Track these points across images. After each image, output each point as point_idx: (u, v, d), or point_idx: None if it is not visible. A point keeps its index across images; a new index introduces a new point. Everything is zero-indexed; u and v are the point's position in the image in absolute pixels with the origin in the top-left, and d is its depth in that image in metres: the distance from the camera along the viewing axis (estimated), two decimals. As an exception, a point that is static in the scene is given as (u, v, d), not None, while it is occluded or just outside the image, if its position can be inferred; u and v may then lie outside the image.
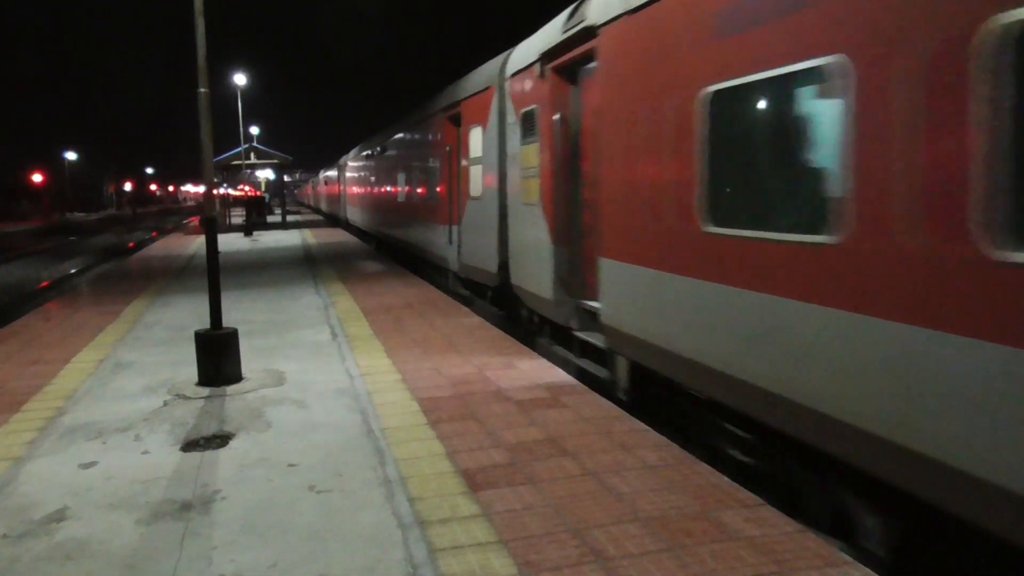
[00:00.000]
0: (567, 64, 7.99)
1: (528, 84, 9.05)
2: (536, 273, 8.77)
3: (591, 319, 7.55)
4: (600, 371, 7.28)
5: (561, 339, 8.51)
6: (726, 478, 4.73)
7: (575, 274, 8.10)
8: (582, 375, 7.50)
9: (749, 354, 4.71)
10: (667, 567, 3.66)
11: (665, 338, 5.73)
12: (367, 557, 3.85)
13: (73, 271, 27.82)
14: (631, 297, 6.36)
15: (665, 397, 6.15)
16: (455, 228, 13.21)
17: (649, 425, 5.83)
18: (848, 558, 3.69)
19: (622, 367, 6.80)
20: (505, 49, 10.92)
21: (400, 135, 19.79)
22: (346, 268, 17.89)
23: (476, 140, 11.68)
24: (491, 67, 11.24)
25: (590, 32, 7.05)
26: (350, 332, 9.77)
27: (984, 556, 3.63)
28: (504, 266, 10.27)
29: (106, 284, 16.87)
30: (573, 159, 8.11)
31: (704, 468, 4.90)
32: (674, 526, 4.09)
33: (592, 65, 7.28)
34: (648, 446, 5.32)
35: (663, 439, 5.47)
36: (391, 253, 21.70)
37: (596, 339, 7.30)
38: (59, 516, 4.46)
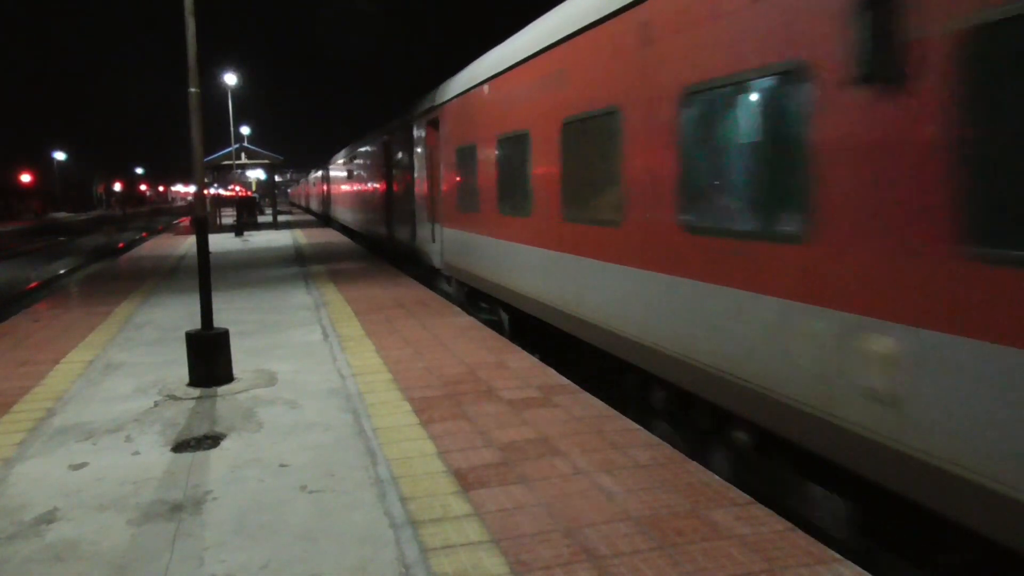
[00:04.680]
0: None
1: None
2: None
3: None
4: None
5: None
6: (717, 477, 4.76)
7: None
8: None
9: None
10: (658, 566, 3.68)
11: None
12: (359, 557, 3.86)
13: (63, 271, 27.68)
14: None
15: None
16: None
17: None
18: (837, 555, 3.72)
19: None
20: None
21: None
22: (337, 268, 17.86)
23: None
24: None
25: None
26: (341, 332, 9.76)
27: (981, 557, 3.66)
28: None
29: (96, 284, 16.79)
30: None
31: (695, 467, 4.92)
32: (665, 525, 4.11)
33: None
34: (639, 445, 5.34)
35: (654, 438, 5.49)
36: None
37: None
38: (49, 517, 4.44)
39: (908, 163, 3.58)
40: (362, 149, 26.05)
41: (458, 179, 12.13)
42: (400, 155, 18.12)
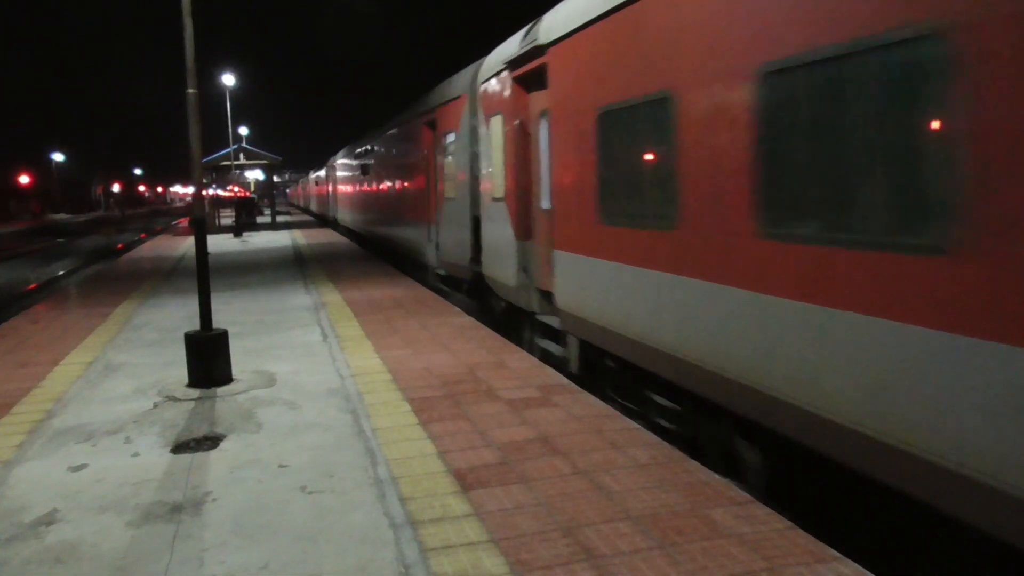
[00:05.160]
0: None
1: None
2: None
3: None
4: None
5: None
6: (716, 476, 4.76)
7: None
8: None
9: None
10: (658, 565, 3.68)
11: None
12: (359, 557, 3.86)
13: (61, 273, 27.67)
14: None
15: None
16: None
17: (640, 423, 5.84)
18: (837, 554, 3.72)
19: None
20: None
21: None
22: (336, 268, 17.86)
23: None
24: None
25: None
26: (341, 332, 9.75)
27: (980, 556, 3.66)
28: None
29: (95, 286, 16.79)
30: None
31: (694, 466, 4.92)
32: (665, 524, 4.11)
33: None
34: (639, 444, 5.34)
35: (654, 438, 5.49)
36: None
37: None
38: (49, 519, 4.44)
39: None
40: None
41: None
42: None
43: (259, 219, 40.53)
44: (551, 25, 8.02)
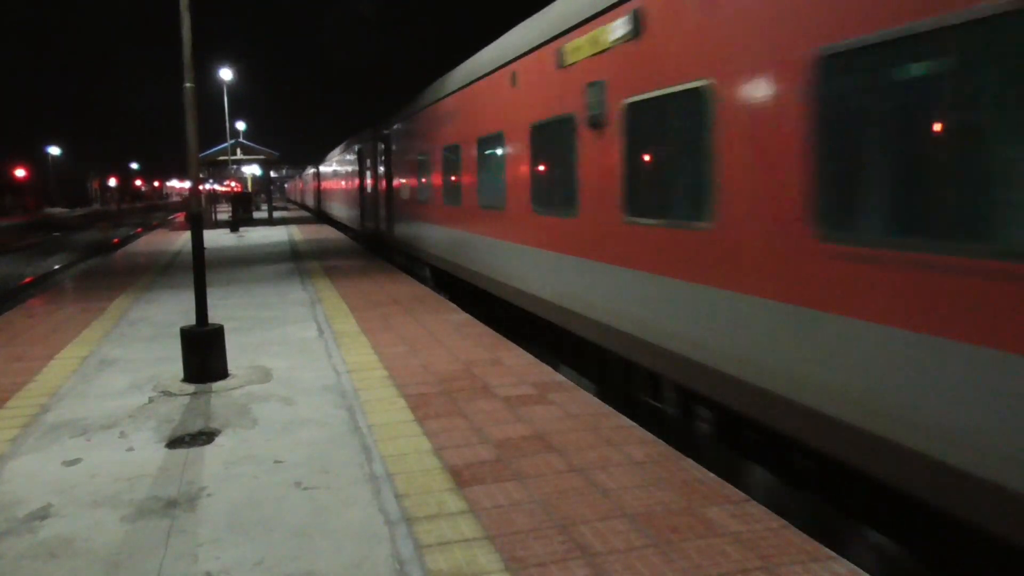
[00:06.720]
0: None
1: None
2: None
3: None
4: None
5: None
6: (712, 474, 4.76)
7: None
8: None
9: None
10: (653, 563, 3.68)
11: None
12: (354, 554, 3.85)
13: (57, 267, 27.60)
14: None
15: None
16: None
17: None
18: (832, 553, 3.72)
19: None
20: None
21: None
22: (333, 264, 17.83)
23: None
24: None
25: None
26: (337, 328, 9.74)
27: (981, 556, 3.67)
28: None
29: (91, 280, 16.73)
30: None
31: (690, 464, 4.92)
32: (660, 522, 4.11)
33: None
34: (634, 442, 5.35)
35: (649, 435, 5.50)
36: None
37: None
38: (43, 514, 4.43)
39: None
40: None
41: None
42: None
43: (255, 215, 40.43)
44: None
